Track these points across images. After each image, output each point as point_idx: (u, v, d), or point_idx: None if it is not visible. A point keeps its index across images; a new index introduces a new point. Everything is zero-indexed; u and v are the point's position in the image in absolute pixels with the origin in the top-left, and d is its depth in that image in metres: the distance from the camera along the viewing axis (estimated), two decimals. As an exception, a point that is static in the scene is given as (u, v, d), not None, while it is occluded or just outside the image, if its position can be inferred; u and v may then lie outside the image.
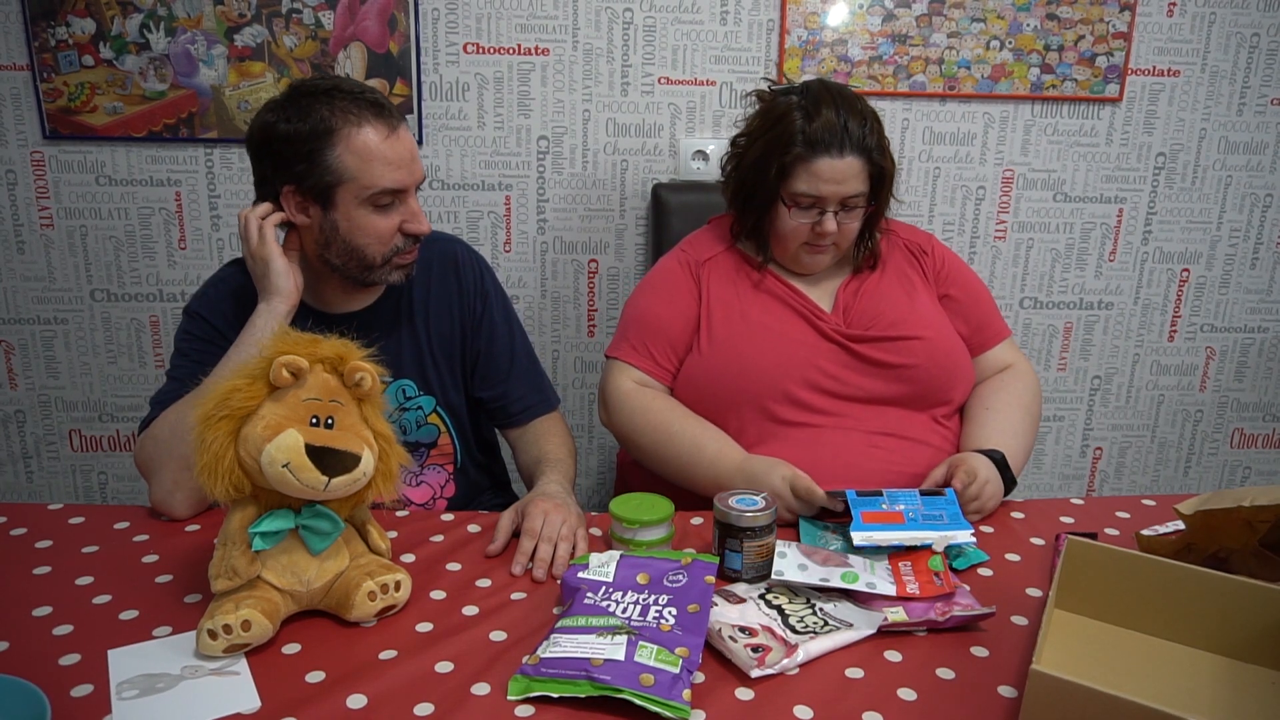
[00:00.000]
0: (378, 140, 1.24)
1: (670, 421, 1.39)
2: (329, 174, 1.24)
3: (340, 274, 1.32)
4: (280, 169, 1.27)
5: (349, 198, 1.26)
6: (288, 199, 1.28)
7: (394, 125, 1.26)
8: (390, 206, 1.28)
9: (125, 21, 1.93)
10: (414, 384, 1.42)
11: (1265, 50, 2.13)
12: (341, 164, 1.24)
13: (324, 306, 1.38)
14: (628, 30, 2.02)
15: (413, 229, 1.30)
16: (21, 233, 2.06)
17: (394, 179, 1.26)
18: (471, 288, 1.46)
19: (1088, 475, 2.43)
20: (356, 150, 1.24)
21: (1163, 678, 0.95)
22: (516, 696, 0.89)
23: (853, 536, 1.13)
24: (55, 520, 1.24)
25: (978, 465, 1.28)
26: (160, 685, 0.91)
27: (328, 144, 1.23)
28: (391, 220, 1.28)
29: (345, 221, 1.27)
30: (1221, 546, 1.08)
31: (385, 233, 1.28)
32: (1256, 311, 2.33)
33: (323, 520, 0.99)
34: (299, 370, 0.96)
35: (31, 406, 2.18)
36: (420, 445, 1.44)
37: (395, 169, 1.25)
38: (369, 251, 1.29)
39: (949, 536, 1.12)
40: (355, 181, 1.25)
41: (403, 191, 1.28)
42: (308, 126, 1.23)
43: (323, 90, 1.25)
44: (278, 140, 1.25)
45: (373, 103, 1.26)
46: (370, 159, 1.24)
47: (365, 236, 1.28)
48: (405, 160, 1.27)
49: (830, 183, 1.36)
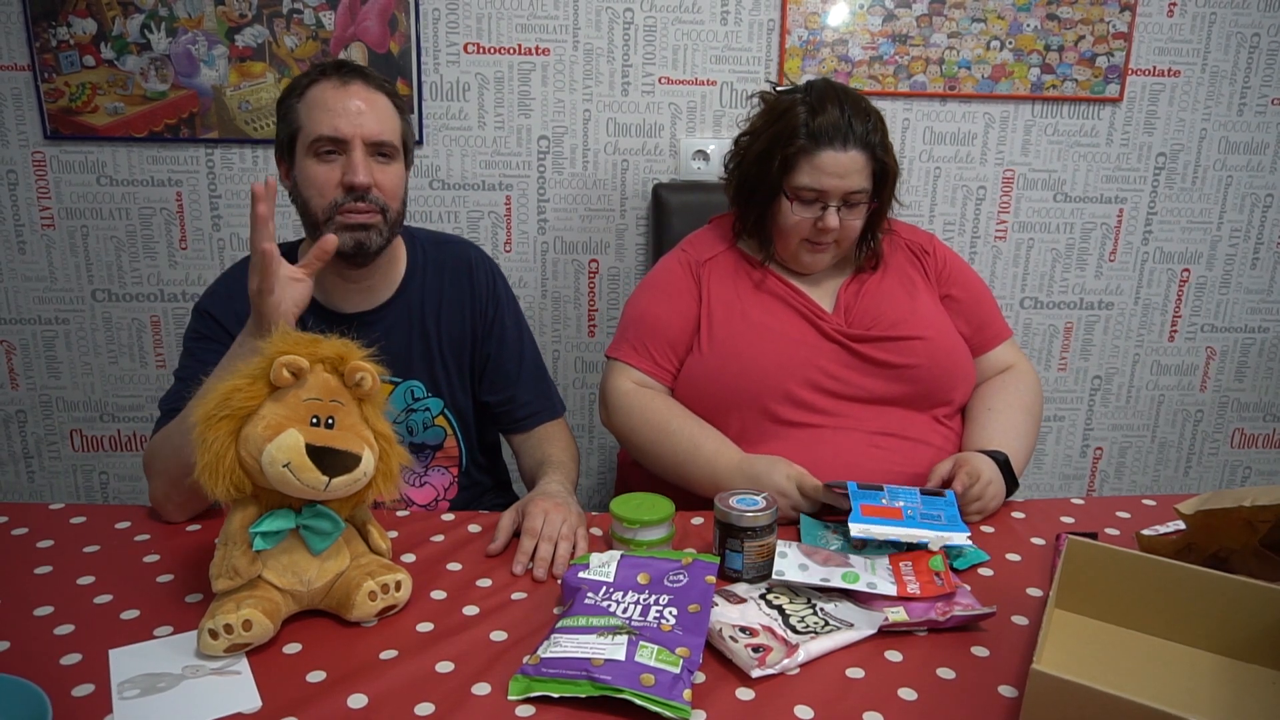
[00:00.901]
0: (328, 90, 1.29)
1: (668, 421, 1.39)
2: (290, 127, 1.31)
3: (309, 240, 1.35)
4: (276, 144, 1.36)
5: (302, 150, 1.30)
6: (281, 168, 1.36)
7: (348, 80, 1.30)
8: (331, 156, 1.29)
9: (126, 22, 1.93)
10: (423, 385, 1.42)
11: (1265, 50, 2.13)
12: (295, 115, 1.30)
13: (333, 304, 1.38)
14: (628, 30, 2.02)
15: (347, 179, 1.28)
16: (22, 233, 2.06)
17: (332, 125, 1.27)
18: (484, 292, 1.46)
19: (1088, 475, 2.43)
20: (309, 102, 1.30)
21: (1163, 678, 0.95)
22: (517, 696, 0.90)
23: (850, 527, 1.13)
24: (56, 520, 1.24)
25: (981, 466, 1.28)
26: (161, 685, 0.91)
27: (293, 101, 1.31)
28: (333, 171, 1.29)
29: (300, 175, 1.31)
30: (1222, 546, 1.08)
31: (325, 184, 1.29)
32: (1257, 311, 2.33)
33: (323, 520, 0.99)
34: (299, 370, 0.96)
35: (32, 406, 2.18)
36: (426, 447, 1.45)
37: (335, 116, 1.28)
38: (313, 204, 1.30)
39: (945, 537, 1.12)
40: (303, 130, 1.30)
41: (344, 142, 1.28)
42: (288, 89, 1.33)
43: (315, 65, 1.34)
44: (278, 114, 1.35)
45: (337, 63, 1.32)
46: (316, 106, 1.29)
47: (310, 188, 1.30)
48: (350, 112, 1.28)
49: (833, 176, 1.36)
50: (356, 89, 1.29)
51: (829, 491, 1.23)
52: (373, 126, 1.29)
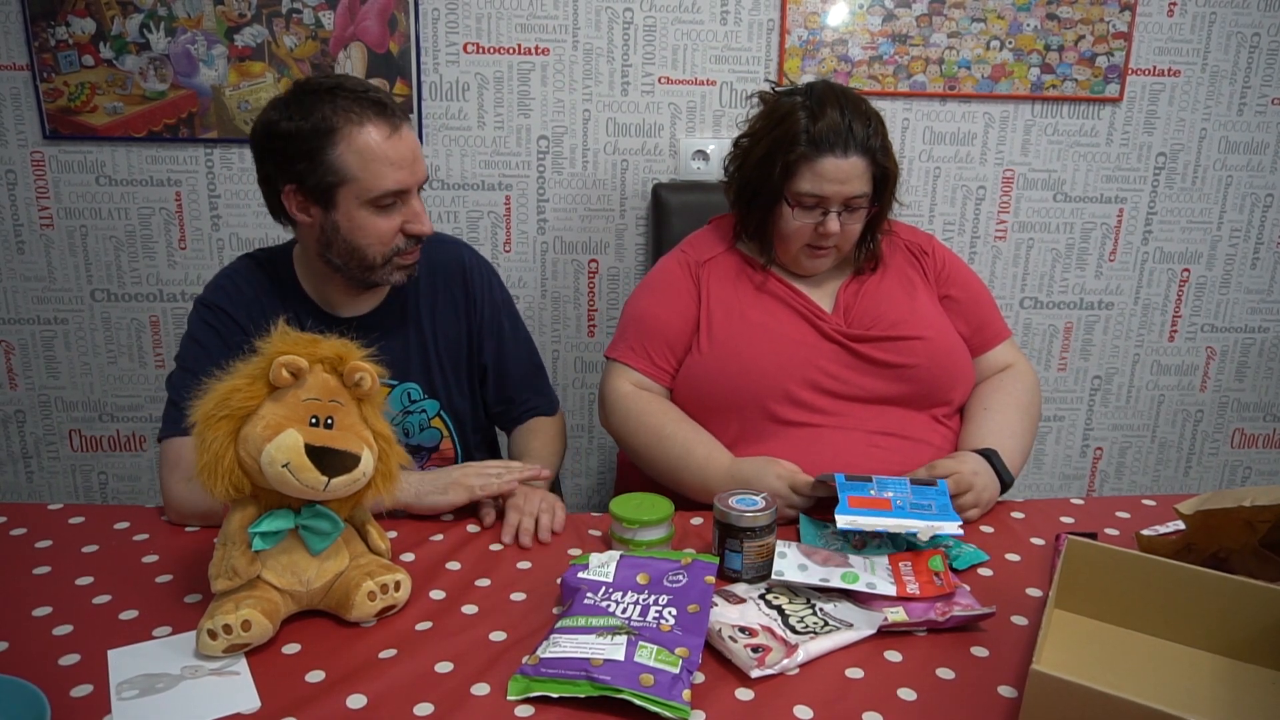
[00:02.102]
0: (379, 140, 1.23)
1: (663, 425, 1.39)
2: (330, 174, 1.23)
3: (342, 274, 1.32)
4: (282, 168, 1.25)
5: (350, 198, 1.24)
6: (289, 198, 1.27)
7: (396, 124, 1.25)
8: (392, 207, 1.26)
9: (125, 21, 1.93)
10: (419, 387, 1.42)
11: (1266, 50, 2.13)
12: (343, 164, 1.22)
13: (331, 308, 1.38)
14: (628, 30, 2.02)
15: (414, 230, 1.29)
16: (21, 233, 2.06)
17: (396, 180, 1.24)
18: (480, 294, 1.46)
19: (1088, 475, 2.43)
20: (358, 150, 1.22)
21: (1163, 678, 0.95)
22: (516, 696, 0.90)
23: (836, 519, 1.12)
24: (55, 520, 1.24)
25: (961, 461, 1.28)
26: (160, 685, 0.91)
27: (329, 143, 1.22)
28: (393, 221, 1.27)
29: (346, 222, 1.26)
30: (1221, 546, 1.08)
31: (386, 233, 1.27)
32: (1257, 311, 2.33)
33: (322, 520, 0.99)
34: (299, 370, 0.96)
35: (31, 406, 2.18)
36: (422, 449, 1.45)
37: (397, 169, 1.24)
38: (369, 252, 1.28)
39: (935, 527, 1.11)
40: (357, 182, 1.23)
41: (405, 192, 1.27)
42: (309, 125, 1.22)
43: (326, 88, 1.24)
44: (279, 138, 1.24)
45: (375, 101, 1.24)
46: (372, 159, 1.22)
47: (366, 237, 1.27)
48: (407, 160, 1.25)
49: (834, 183, 1.36)
50: (405, 133, 1.26)
51: (820, 485, 1.23)
52: (422, 170, 1.29)
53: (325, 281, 1.36)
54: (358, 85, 1.26)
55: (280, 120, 1.24)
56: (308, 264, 1.36)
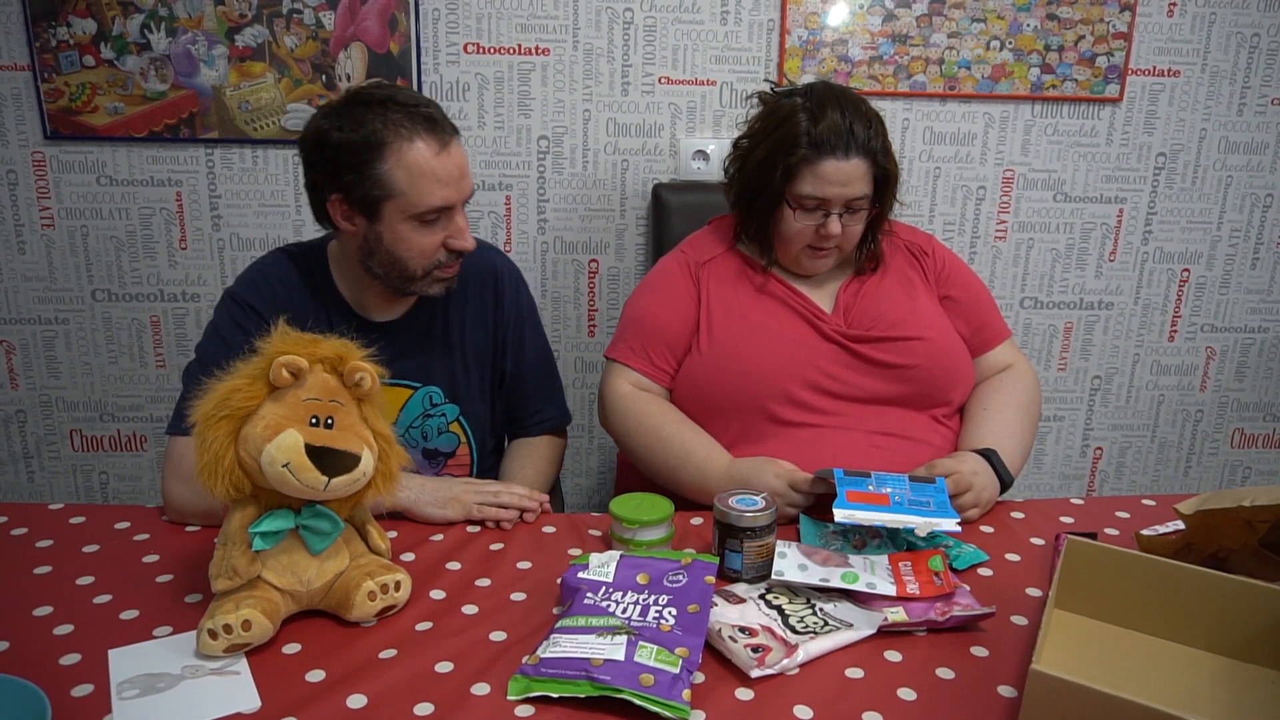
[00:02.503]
0: (428, 156, 1.23)
1: (661, 426, 1.40)
2: (377, 187, 1.23)
3: (381, 282, 1.32)
4: (330, 177, 1.25)
5: (395, 212, 1.25)
6: (334, 206, 1.27)
7: (446, 140, 1.25)
8: (436, 222, 1.27)
9: (126, 22, 1.93)
10: (441, 391, 1.43)
11: (1265, 50, 2.13)
12: (390, 178, 1.23)
13: (363, 311, 1.38)
14: (628, 30, 2.02)
15: (457, 245, 1.29)
16: (22, 233, 2.06)
17: (442, 196, 1.25)
18: (508, 301, 1.47)
19: (1088, 475, 2.43)
20: (406, 166, 1.22)
21: (1163, 678, 0.95)
22: (516, 696, 0.90)
23: (835, 513, 1.12)
24: (56, 520, 1.24)
25: (960, 461, 1.28)
26: (161, 685, 0.91)
27: (378, 157, 1.22)
28: (436, 236, 1.28)
29: (390, 234, 1.26)
30: (1221, 546, 1.08)
31: (429, 248, 1.28)
32: (1257, 311, 2.33)
33: (323, 520, 1.00)
34: (299, 370, 0.96)
35: (32, 406, 2.18)
36: (439, 454, 1.45)
37: (444, 186, 1.24)
38: (411, 265, 1.29)
39: (933, 523, 1.12)
40: (403, 197, 1.23)
41: (449, 208, 1.27)
42: (359, 137, 1.22)
43: (377, 100, 1.24)
44: (329, 148, 1.24)
45: (426, 117, 1.24)
46: (420, 176, 1.23)
47: (409, 250, 1.27)
48: (454, 177, 1.25)
49: (835, 185, 1.35)
50: (454, 149, 1.26)
51: (819, 481, 1.23)
52: (469, 187, 1.29)
53: (362, 286, 1.36)
54: (410, 99, 1.25)
55: (331, 130, 1.24)
56: (346, 267, 1.36)
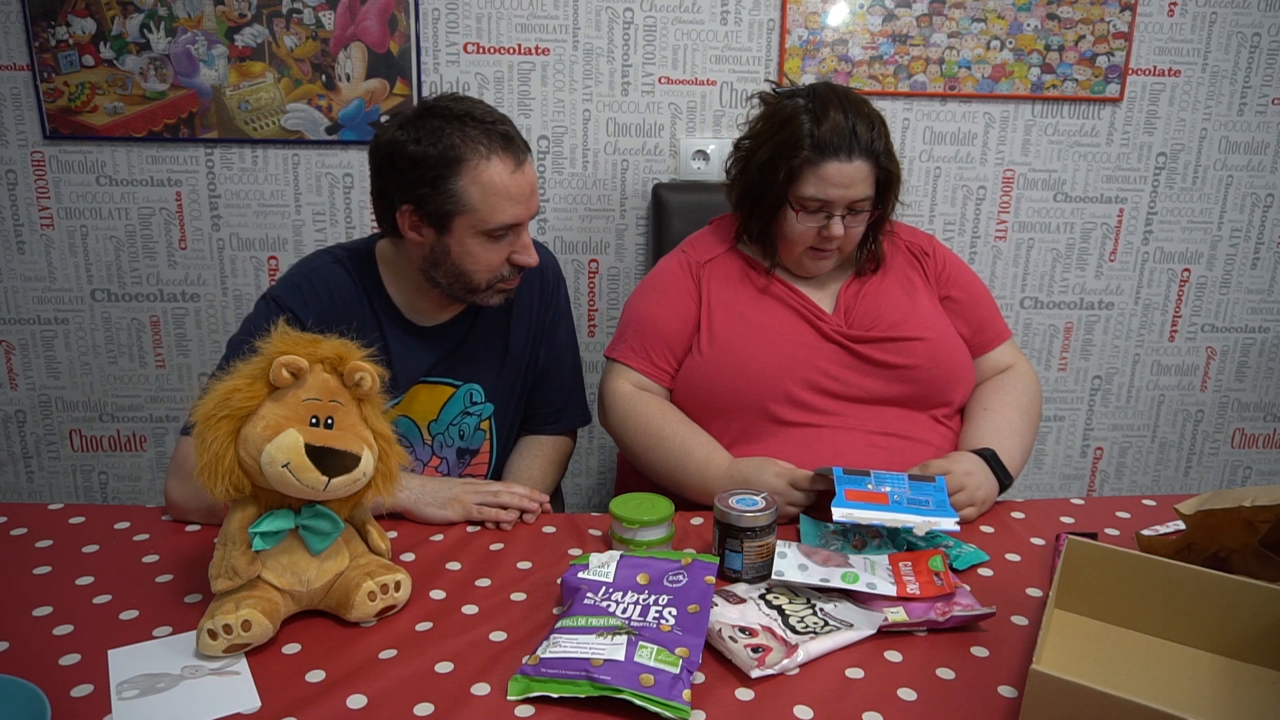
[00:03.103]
0: (504, 175, 1.24)
1: (661, 426, 1.39)
2: (450, 202, 1.24)
3: (443, 291, 1.33)
4: (402, 188, 1.25)
5: (466, 227, 1.26)
6: (404, 217, 1.27)
7: (521, 159, 1.26)
8: (503, 238, 1.28)
9: (125, 21, 1.93)
10: (481, 389, 1.44)
11: (1266, 50, 2.13)
12: (465, 195, 1.23)
13: (415, 316, 1.38)
14: (628, 30, 2.02)
15: (521, 260, 1.31)
16: (22, 233, 2.06)
17: (514, 214, 1.26)
18: (550, 294, 1.49)
19: (1088, 475, 2.43)
20: (483, 183, 1.23)
21: (1163, 678, 0.95)
22: (516, 696, 0.90)
23: (833, 512, 1.13)
24: (55, 520, 1.24)
25: (954, 461, 1.28)
26: (160, 685, 0.91)
27: (454, 173, 1.23)
28: (503, 251, 1.29)
29: (458, 247, 1.27)
30: (1222, 546, 1.08)
31: (495, 263, 1.29)
32: (1257, 311, 2.33)
33: (323, 520, 0.99)
34: (299, 370, 0.96)
35: (32, 406, 2.18)
36: (466, 452, 1.46)
37: (516, 204, 1.26)
38: (475, 278, 1.30)
39: (931, 522, 1.12)
40: (476, 213, 1.24)
41: (518, 225, 1.28)
42: (436, 152, 1.22)
43: (455, 115, 1.24)
44: (404, 160, 1.24)
45: (503, 135, 1.25)
46: (494, 193, 1.24)
47: (475, 264, 1.28)
48: (525, 195, 1.27)
49: (838, 187, 1.35)
50: (528, 168, 1.27)
51: (819, 478, 1.23)
52: (538, 203, 1.31)
53: (419, 293, 1.36)
54: (487, 114, 1.26)
55: (408, 142, 1.24)
56: (400, 271, 1.36)
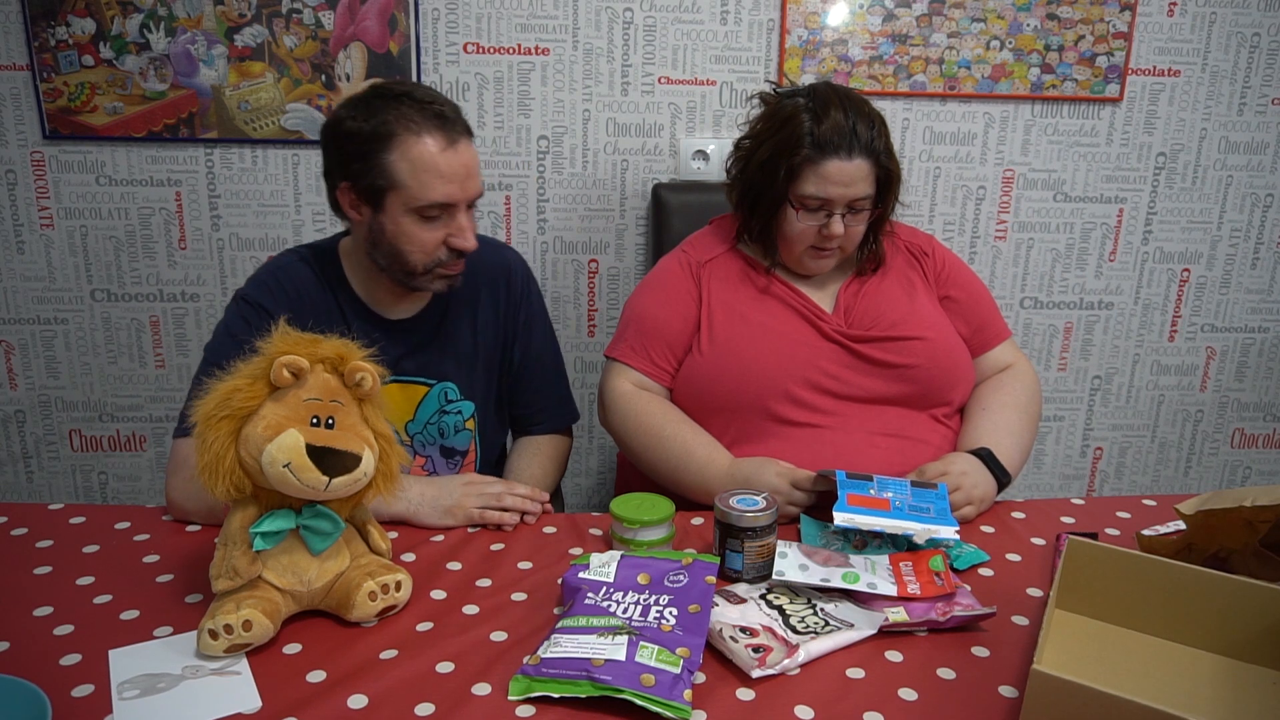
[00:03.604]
0: (434, 151, 1.24)
1: (662, 426, 1.39)
2: (382, 177, 1.25)
3: (386, 275, 1.33)
4: (340, 164, 1.28)
5: (398, 204, 1.26)
6: (343, 194, 1.30)
7: (454, 138, 1.26)
8: (438, 219, 1.28)
9: (125, 21, 1.93)
10: (457, 388, 1.44)
11: (1266, 50, 2.13)
12: (395, 170, 1.24)
13: (377, 307, 1.39)
14: (628, 30, 2.02)
15: (457, 244, 1.30)
16: (21, 233, 2.06)
17: (443, 193, 1.25)
18: (519, 294, 1.48)
19: (1088, 475, 2.43)
20: (411, 159, 1.24)
21: (1163, 678, 0.95)
22: (517, 696, 0.90)
23: (835, 516, 1.13)
24: (56, 520, 1.24)
25: (949, 463, 1.28)
26: (161, 685, 0.91)
27: (384, 148, 1.24)
28: (437, 232, 1.28)
29: (392, 226, 1.27)
30: (1222, 546, 1.08)
31: (429, 244, 1.29)
32: (1257, 311, 2.33)
33: (323, 520, 0.99)
34: (299, 370, 0.96)
35: (31, 406, 2.18)
36: (456, 452, 1.46)
37: (446, 183, 1.25)
38: (411, 259, 1.29)
39: (932, 530, 1.12)
40: (406, 190, 1.25)
41: (452, 206, 1.28)
42: (370, 127, 1.24)
43: (395, 95, 1.26)
44: (342, 136, 1.27)
45: (437, 114, 1.25)
46: (423, 170, 1.24)
47: (409, 244, 1.28)
48: (459, 175, 1.26)
49: (838, 185, 1.35)
50: (463, 148, 1.26)
51: (822, 479, 1.23)
52: (475, 187, 1.29)
53: (373, 280, 1.37)
54: (426, 95, 1.27)
55: (346, 119, 1.26)
56: (358, 261, 1.37)
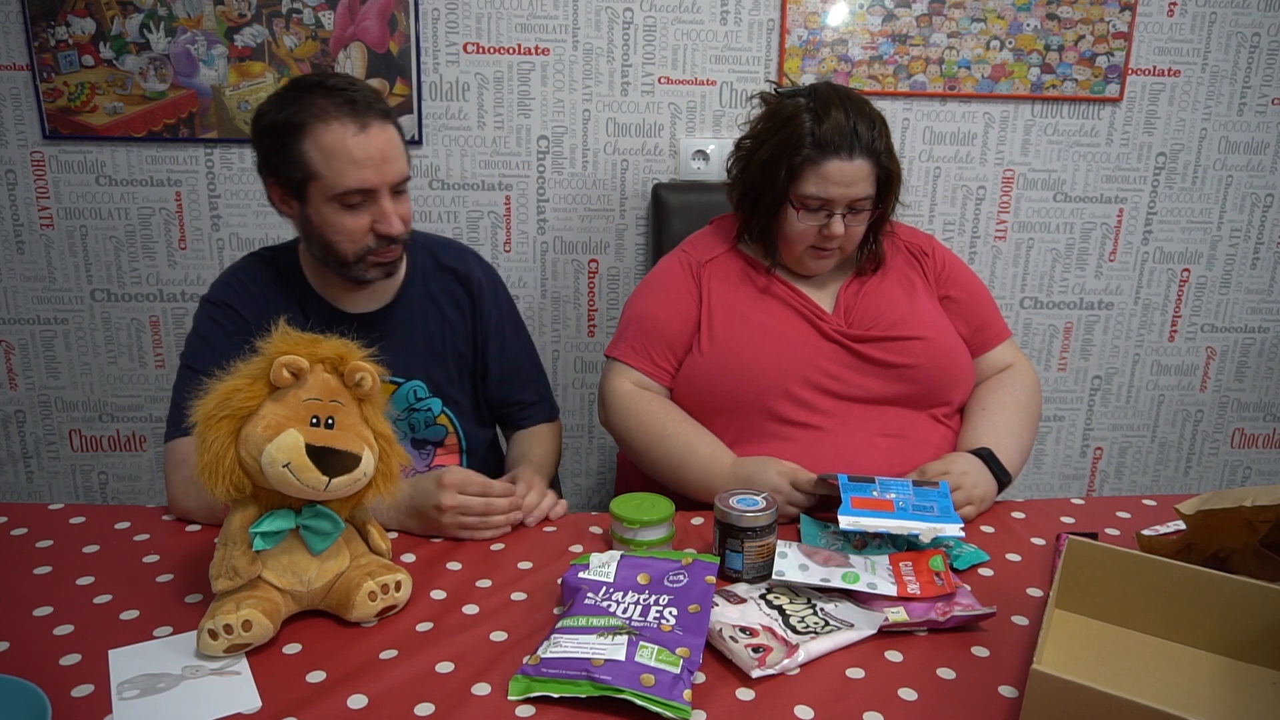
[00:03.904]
0: (344, 137, 1.22)
1: (664, 425, 1.39)
2: (299, 169, 1.24)
3: (326, 267, 1.33)
4: (265, 160, 1.28)
5: (318, 194, 1.25)
6: (273, 190, 1.30)
7: (365, 123, 1.23)
8: (360, 205, 1.26)
9: (125, 21, 1.93)
10: (425, 386, 1.44)
11: (1266, 50, 2.13)
12: (309, 159, 1.23)
13: (337, 303, 1.38)
14: (628, 30, 2.02)
15: (381, 230, 1.28)
16: (21, 233, 2.06)
17: (359, 178, 1.23)
18: (485, 297, 1.48)
19: (1088, 475, 2.43)
20: (323, 147, 1.23)
21: (1163, 678, 0.95)
22: (517, 696, 0.90)
23: (839, 519, 1.13)
24: (56, 520, 1.24)
25: (950, 463, 1.28)
26: (161, 685, 0.91)
27: (297, 138, 1.23)
28: (361, 219, 1.27)
29: (317, 216, 1.27)
30: (1222, 546, 1.08)
31: (355, 231, 1.27)
32: (1257, 311, 2.33)
33: (323, 520, 0.99)
34: (299, 370, 0.96)
35: (31, 406, 2.18)
36: (428, 443, 1.46)
37: (360, 168, 1.23)
38: (340, 248, 1.29)
39: (936, 529, 1.12)
40: (323, 178, 1.24)
41: (372, 191, 1.26)
42: (283, 119, 1.24)
43: (307, 85, 1.25)
44: (261, 131, 1.27)
45: (348, 100, 1.23)
46: (334, 157, 1.22)
47: (335, 234, 1.27)
48: (373, 160, 1.24)
49: (839, 185, 1.36)
50: (375, 132, 1.24)
51: (823, 483, 1.23)
52: (396, 170, 1.27)
53: (324, 275, 1.37)
54: (338, 82, 1.25)
55: (264, 114, 1.27)
56: (310, 259, 1.38)
